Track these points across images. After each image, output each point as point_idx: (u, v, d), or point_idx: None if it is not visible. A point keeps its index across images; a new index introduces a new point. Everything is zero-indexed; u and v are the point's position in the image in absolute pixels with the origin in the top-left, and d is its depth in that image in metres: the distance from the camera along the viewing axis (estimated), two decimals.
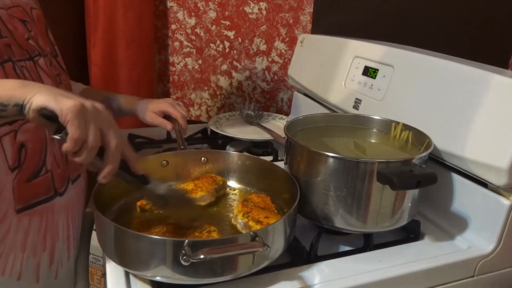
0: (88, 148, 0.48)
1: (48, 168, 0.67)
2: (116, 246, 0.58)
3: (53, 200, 0.69)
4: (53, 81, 0.70)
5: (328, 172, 0.65)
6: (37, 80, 0.65)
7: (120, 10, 1.23)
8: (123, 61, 1.28)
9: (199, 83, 1.45)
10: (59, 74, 0.74)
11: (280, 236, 0.59)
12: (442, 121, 0.74)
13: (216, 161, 0.81)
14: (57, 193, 0.70)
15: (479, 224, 0.71)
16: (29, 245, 0.66)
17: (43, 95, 0.46)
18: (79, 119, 0.46)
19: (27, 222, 0.65)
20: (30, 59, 0.66)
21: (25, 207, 0.65)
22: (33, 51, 0.67)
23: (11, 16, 0.65)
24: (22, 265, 0.66)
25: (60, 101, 0.46)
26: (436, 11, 1.44)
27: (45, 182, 0.67)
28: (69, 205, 0.73)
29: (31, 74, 0.65)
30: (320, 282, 0.61)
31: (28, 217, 0.65)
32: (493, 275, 0.70)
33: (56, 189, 0.69)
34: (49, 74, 0.69)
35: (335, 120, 0.86)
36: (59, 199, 0.70)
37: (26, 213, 0.65)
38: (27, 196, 0.65)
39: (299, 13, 1.39)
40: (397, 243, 0.71)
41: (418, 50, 0.90)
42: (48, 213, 0.68)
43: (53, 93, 0.47)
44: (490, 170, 0.66)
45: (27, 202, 0.65)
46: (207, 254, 0.50)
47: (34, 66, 0.66)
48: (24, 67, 0.64)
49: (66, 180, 0.72)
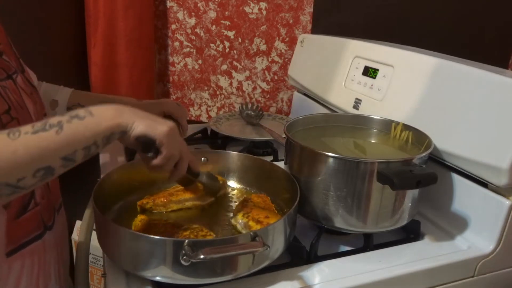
0: (173, 162, 0.58)
1: (37, 201, 0.60)
2: (116, 246, 0.58)
3: (43, 236, 0.62)
4: (32, 101, 0.63)
5: (328, 172, 0.65)
6: (20, 101, 0.59)
7: (120, 10, 1.23)
8: (123, 61, 1.28)
9: (199, 83, 1.45)
10: (32, 92, 0.64)
11: (280, 236, 0.59)
12: (442, 121, 0.74)
13: (216, 161, 0.81)
14: (46, 228, 0.63)
15: (479, 224, 0.71)
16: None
17: (141, 124, 0.53)
18: (172, 143, 0.56)
19: (19, 266, 0.58)
20: (8, 78, 0.59)
21: (15, 249, 0.57)
22: (9, 69, 0.60)
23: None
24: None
25: (156, 128, 0.54)
26: (436, 11, 1.44)
27: (34, 216, 0.60)
28: (57, 240, 0.67)
29: (14, 95, 0.58)
30: (320, 282, 0.61)
31: (20, 261, 0.58)
32: (493, 275, 0.70)
33: (45, 223, 0.62)
34: (27, 93, 0.62)
35: (335, 120, 0.86)
36: (49, 234, 0.63)
37: (17, 255, 0.57)
38: (17, 236, 0.57)
39: (299, 13, 1.39)
40: (397, 243, 0.71)
41: (418, 50, 0.90)
42: (40, 253, 0.62)
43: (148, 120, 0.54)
44: (490, 170, 0.66)
45: (17, 243, 0.57)
46: (207, 254, 0.50)
47: (14, 86, 0.59)
48: (6, 87, 0.57)
49: (52, 211, 0.66)
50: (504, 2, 1.49)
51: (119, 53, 1.27)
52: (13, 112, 0.57)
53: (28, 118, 0.60)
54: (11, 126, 0.53)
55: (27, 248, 0.59)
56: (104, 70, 1.27)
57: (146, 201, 0.71)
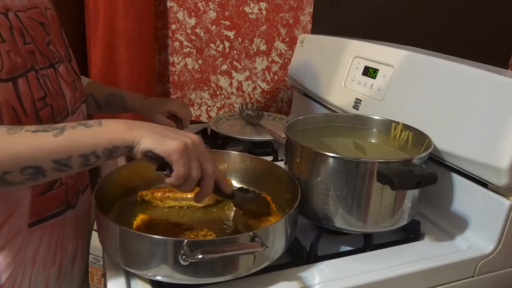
0: (192, 181, 0.53)
1: (62, 181, 0.65)
2: (117, 246, 0.57)
3: (65, 213, 0.66)
4: (71, 89, 0.67)
5: (328, 172, 0.65)
6: (58, 90, 0.63)
7: (120, 10, 1.23)
8: (124, 61, 1.28)
9: (199, 83, 1.45)
10: (74, 80, 0.70)
11: (280, 236, 0.59)
12: (442, 121, 0.74)
13: (217, 161, 0.81)
14: (69, 206, 0.67)
15: (479, 224, 0.71)
16: (39, 260, 0.63)
17: (149, 139, 0.50)
18: (183, 159, 0.51)
19: (39, 236, 0.62)
20: (51, 66, 0.63)
21: (37, 221, 0.62)
22: (53, 58, 0.64)
23: (30, 18, 0.61)
24: (31, 280, 0.63)
25: (164, 143, 0.50)
26: (436, 11, 1.45)
27: (59, 195, 0.64)
28: (78, 218, 0.71)
29: (52, 83, 0.61)
30: (320, 282, 0.61)
31: (40, 232, 0.62)
32: (493, 275, 0.70)
33: (68, 202, 0.67)
34: (67, 81, 0.66)
35: (335, 120, 0.86)
36: (70, 212, 0.68)
37: (38, 227, 0.62)
38: (40, 210, 0.62)
39: (299, 13, 1.39)
40: (397, 243, 0.71)
41: (418, 50, 0.90)
42: (60, 227, 0.66)
43: (157, 135, 0.51)
44: (490, 170, 0.66)
45: (40, 216, 0.62)
46: (206, 254, 0.50)
47: (55, 74, 0.63)
48: (46, 75, 0.61)
49: (77, 192, 0.70)
50: (504, 2, 1.49)
51: (119, 53, 1.27)
52: (48, 99, 0.60)
53: (63, 105, 0.63)
54: (45, 112, 0.58)
55: (48, 222, 0.63)
56: (104, 70, 1.27)
57: (145, 193, 0.73)
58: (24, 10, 0.60)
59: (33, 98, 0.56)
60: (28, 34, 0.59)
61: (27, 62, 0.57)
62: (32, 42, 0.59)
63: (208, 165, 0.54)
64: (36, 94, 0.57)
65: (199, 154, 0.53)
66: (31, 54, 0.59)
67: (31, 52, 0.59)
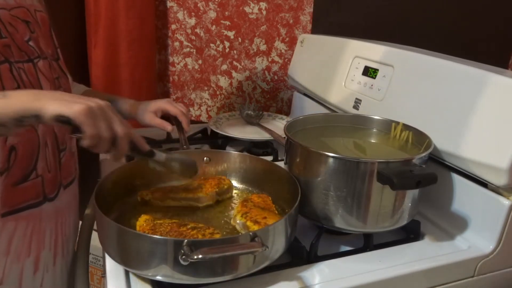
0: (104, 141, 0.54)
1: (38, 173, 0.66)
2: (117, 245, 0.58)
3: (41, 205, 0.68)
4: (52, 84, 0.70)
5: (328, 172, 0.65)
6: (35, 83, 0.65)
7: (121, 11, 1.23)
8: (125, 61, 1.28)
9: (199, 83, 1.45)
10: (58, 77, 0.73)
11: (280, 236, 0.59)
12: (442, 121, 0.74)
13: (218, 161, 0.81)
14: (47, 199, 0.69)
15: (479, 224, 0.71)
16: (13, 250, 0.65)
17: (55, 104, 0.51)
18: (90, 119, 0.52)
19: (12, 227, 0.64)
20: (29, 61, 0.66)
21: (11, 211, 0.63)
22: (32, 53, 0.67)
23: (13, 17, 0.65)
24: (5, 270, 0.65)
25: (71, 107, 0.51)
26: (436, 11, 1.45)
27: (34, 186, 0.66)
28: (58, 212, 0.72)
29: (28, 77, 0.64)
30: (320, 282, 0.61)
31: (14, 222, 0.64)
32: (493, 275, 0.70)
33: (45, 195, 0.68)
34: (48, 77, 0.69)
35: (335, 120, 0.86)
36: (48, 205, 0.69)
37: (11, 217, 0.64)
38: (14, 200, 0.64)
39: (299, 13, 1.39)
40: (397, 243, 0.71)
41: (418, 50, 0.90)
42: (36, 219, 0.67)
43: (62, 100, 0.52)
44: (490, 170, 0.66)
45: (13, 207, 0.64)
46: (205, 254, 0.50)
47: (33, 69, 0.66)
48: (22, 69, 0.63)
49: (58, 186, 0.71)
50: (504, 2, 1.49)
51: (120, 53, 1.27)
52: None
53: None
54: None
55: (22, 213, 0.65)
56: (105, 70, 1.27)
57: (145, 193, 0.73)
58: (8, 9, 0.64)
59: (3, 88, 0.59)
60: (6, 29, 0.63)
61: (1, 55, 0.61)
62: (9, 36, 0.63)
63: (118, 126, 0.56)
64: (8, 84, 0.60)
65: (107, 116, 0.55)
66: (6, 47, 0.62)
67: (7, 45, 0.62)
